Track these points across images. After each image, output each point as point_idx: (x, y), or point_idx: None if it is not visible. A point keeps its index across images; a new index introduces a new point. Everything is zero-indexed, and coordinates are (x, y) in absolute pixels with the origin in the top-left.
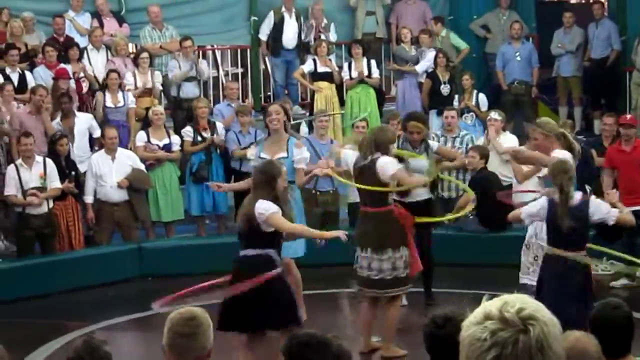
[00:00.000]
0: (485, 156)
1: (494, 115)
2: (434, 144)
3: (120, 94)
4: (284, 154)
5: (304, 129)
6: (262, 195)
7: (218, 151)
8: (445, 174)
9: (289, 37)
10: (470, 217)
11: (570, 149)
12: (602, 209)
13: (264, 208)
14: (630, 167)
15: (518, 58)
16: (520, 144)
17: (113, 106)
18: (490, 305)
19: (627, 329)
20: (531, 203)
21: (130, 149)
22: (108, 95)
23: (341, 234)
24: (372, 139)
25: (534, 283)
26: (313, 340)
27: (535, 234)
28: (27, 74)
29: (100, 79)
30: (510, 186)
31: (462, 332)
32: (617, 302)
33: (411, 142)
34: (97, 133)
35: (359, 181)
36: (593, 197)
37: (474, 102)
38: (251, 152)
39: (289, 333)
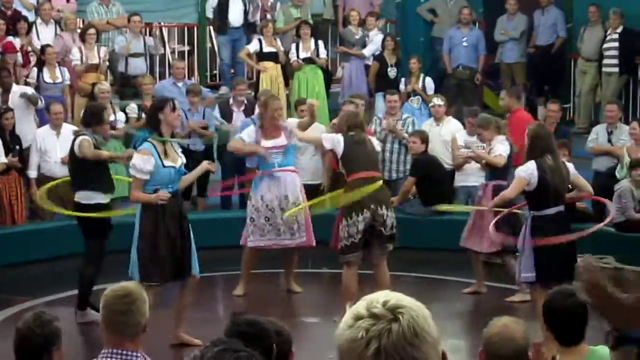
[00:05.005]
0: (425, 140)
1: (437, 101)
2: None
3: (58, 70)
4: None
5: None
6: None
7: None
8: None
9: (235, 15)
10: (412, 198)
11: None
12: None
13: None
14: None
15: (465, 44)
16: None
17: (51, 82)
18: (356, 307)
19: (581, 316)
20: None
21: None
22: (46, 70)
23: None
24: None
25: None
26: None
27: None
28: None
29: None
30: (453, 171)
31: (337, 340)
32: (571, 290)
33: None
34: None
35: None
36: None
37: (420, 86)
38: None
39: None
